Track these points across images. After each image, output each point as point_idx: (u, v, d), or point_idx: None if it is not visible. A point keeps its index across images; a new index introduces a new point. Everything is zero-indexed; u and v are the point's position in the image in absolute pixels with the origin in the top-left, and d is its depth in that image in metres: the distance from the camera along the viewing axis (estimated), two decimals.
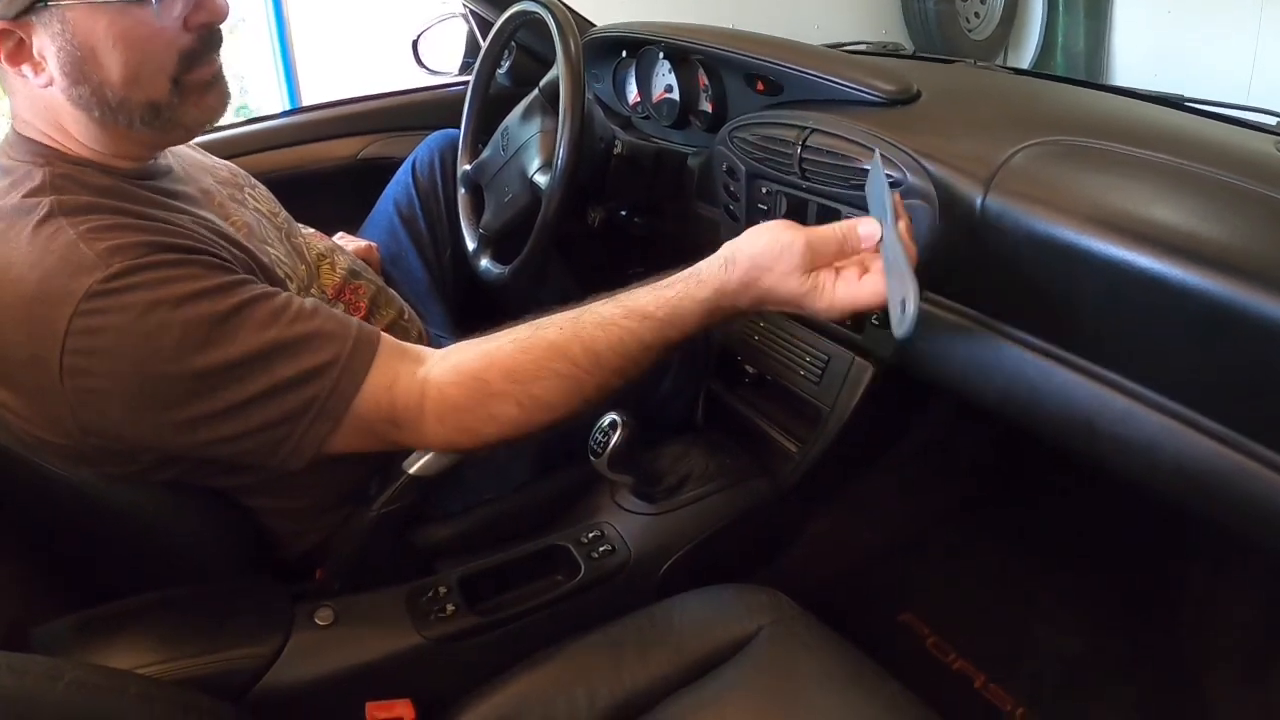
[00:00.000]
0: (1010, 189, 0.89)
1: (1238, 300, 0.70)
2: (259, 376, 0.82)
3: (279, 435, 0.84)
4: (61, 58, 0.83)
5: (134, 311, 0.78)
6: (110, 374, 0.79)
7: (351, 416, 0.85)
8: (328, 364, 0.84)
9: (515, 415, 0.87)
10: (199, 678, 0.86)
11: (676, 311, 0.89)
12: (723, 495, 1.21)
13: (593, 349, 0.88)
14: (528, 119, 1.39)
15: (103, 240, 0.80)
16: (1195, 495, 0.80)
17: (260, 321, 0.83)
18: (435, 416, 0.87)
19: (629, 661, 0.93)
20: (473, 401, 0.87)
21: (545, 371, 0.87)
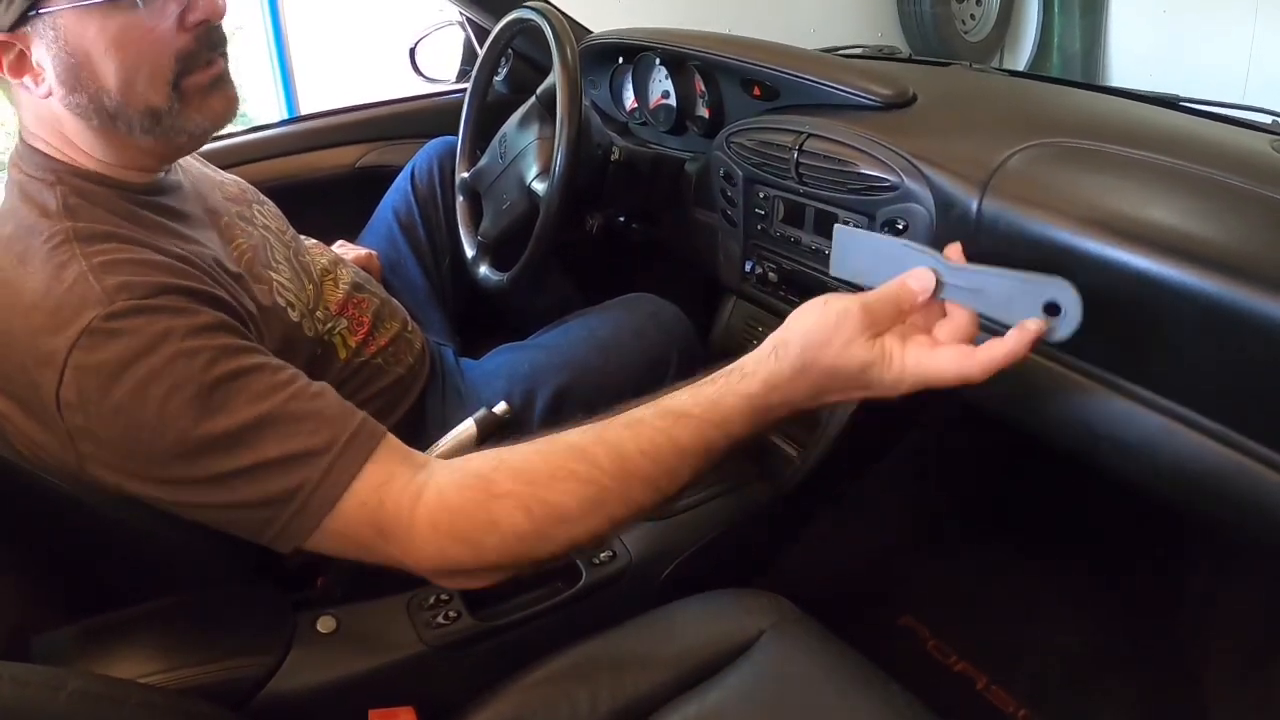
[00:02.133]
0: (1007, 191, 0.89)
1: (1235, 300, 0.70)
2: (244, 451, 0.77)
3: (262, 517, 0.78)
4: (58, 66, 0.82)
5: (130, 352, 0.76)
6: (99, 412, 0.77)
7: (337, 515, 0.78)
8: (320, 450, 0.78)
9: (521, 524, 0.76)
10: (201, 686, 0.86)
11: (716, 408, 0.77)
12: (723, 500, 1.21)
13: (619, 450, 0.77)
14: (525, 126, 1.39)
15: (112, 275, 0.79)
16: (1195, 495, 0.80)
17: (257, 393, 0.79)
18: (429, 523, 0.77)
19: (631, 667, 0.93)
20: (473, 504, 0.77)
21: (561, 473, 0.77)
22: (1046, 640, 1.34)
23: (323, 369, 1.04)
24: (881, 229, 1.03)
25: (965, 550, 1.51)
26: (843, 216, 1.10)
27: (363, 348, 1.12)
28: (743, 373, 0.78)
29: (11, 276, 0.81)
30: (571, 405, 1.18)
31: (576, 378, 1.20)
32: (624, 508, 0.77)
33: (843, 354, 0.75)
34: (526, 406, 1.16)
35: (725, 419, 0.77)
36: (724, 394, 0.78)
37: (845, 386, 0.77)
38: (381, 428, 0.83)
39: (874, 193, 1.03)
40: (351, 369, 1.08)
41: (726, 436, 0.78)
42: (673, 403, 0.79)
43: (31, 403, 0.80)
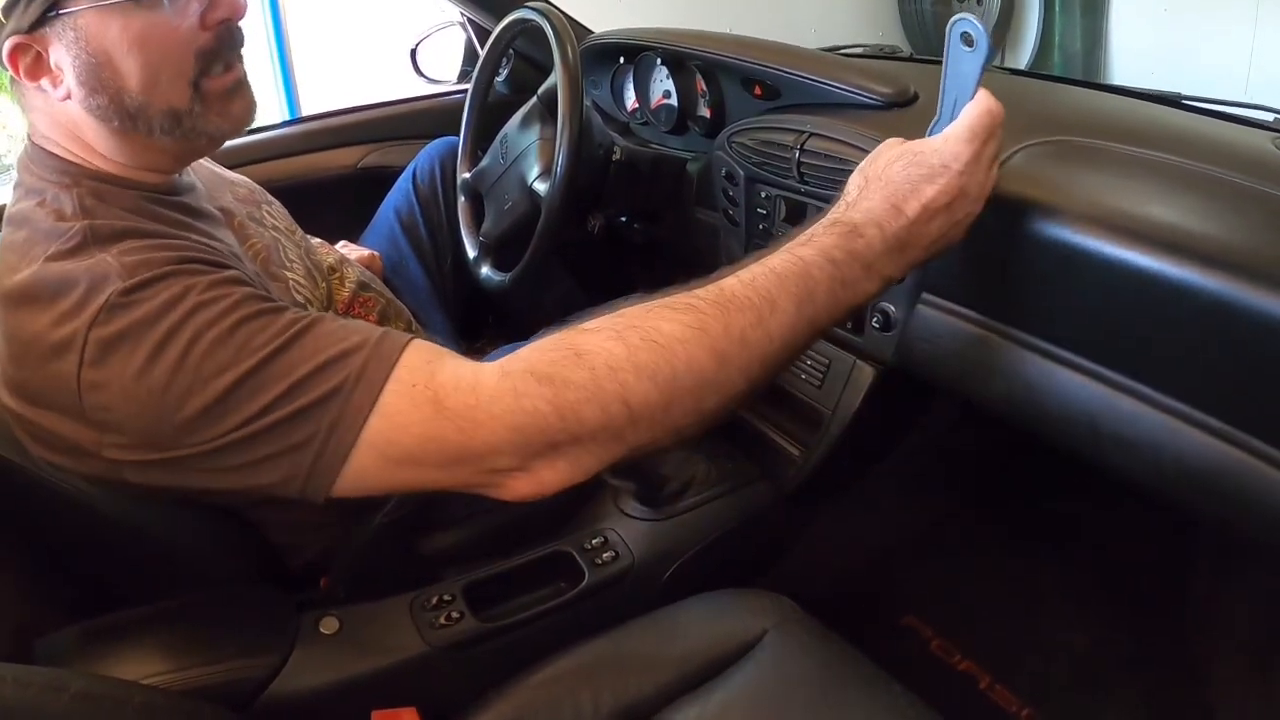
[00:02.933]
0: (1008, 189, 0.89)
1: (1238, 297, 0.70)
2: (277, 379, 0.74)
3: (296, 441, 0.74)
4: (78, 67, 0.81)
5: (149, 318, 0.75)
6: (122, 385, 0.75)
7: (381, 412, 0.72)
8: (353, 349, 0.75)
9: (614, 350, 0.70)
10: (204, 688, 0.86)
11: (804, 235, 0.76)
12: (726, 500, 1.21)
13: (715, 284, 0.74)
14: (526, 126, 1.39)
15: (131, 257, 0.78)
16: (1198, 493, 0.80)
17: (280, 328, 0.77)
18: (499, 371, 0.72)
19: (634, 667, 0.93)
20: (553, 342, 0.73)
21: (655, 309, 0.73)
22: (1050, 639, 1.34)
23: None
24: None
25: (968, 550, 1.51)
26: None
27: None
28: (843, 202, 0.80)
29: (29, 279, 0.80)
30: None
31: None
32: (726, 337, 0.71)
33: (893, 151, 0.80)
34: None
35: (812, 238, 0.76)
36: (810, 229, 0.78)
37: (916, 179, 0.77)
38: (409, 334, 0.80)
39: None
40: None
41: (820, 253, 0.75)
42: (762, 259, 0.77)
43: (51, 396, 0.79)
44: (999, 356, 0.94)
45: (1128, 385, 0.83)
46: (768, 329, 0.72)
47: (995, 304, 0.94)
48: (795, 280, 0.73)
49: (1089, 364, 0.86)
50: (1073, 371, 0.87)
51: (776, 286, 0.73)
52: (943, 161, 0.77)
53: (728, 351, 0.71)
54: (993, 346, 0.95)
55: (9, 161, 2.57)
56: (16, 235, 0.84)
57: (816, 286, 0.74)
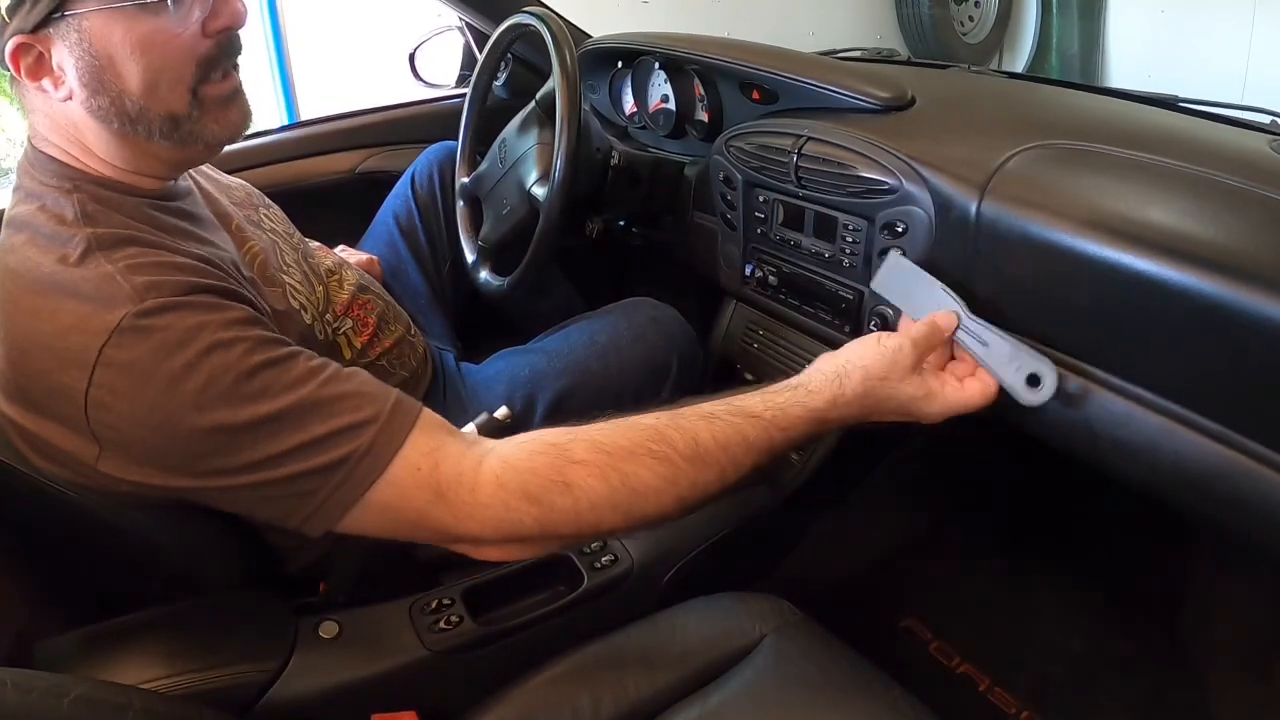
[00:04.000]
0: (1006, 193, 0.89)
1: (1235, 300, 0.71)
2: (289, 433, 0.77)
3: (304, 490, 0.78)
4: (80, 68, 0.82)
5: (164, 348, 0.76)
6: (133, 410, 0.76)
7: (385, 483, 0.78)
8: (366, 421, 0.79)
9: (598, 490, 0.79)
10: (204, 692, 0.86)
11: (785, 414, 0.86)
12: (724, 503, 1.21)
13: (695, 437, 0.82)
14: (525, 131, 1.39)
15: (140, 275, 0.79)
16: (1196, 495, 0.80)
17: (296, 378, 0.80)
18: (495, 481, 0.79)
19: (633, 671, 0.94)
20: (547, 465, 0.80)
21: (640, 450, 0.81)
22: (1048, 641, 1.34)
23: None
24: (881, 232, 1.04)
25: (967, 552, 1.51)
26: (841, 219, 1.10)
27: (367, 349, 1.12)
28: (809, 389, 0.88)
29: (32, 282, 0.80)
30: (572, 410, 1.18)
31: (577, 382, 1.20)
32: (692, 490, 0.82)
33: (898, 386, 0.88)
34: (527, 411, 1.17)
35: (790, 425, 0.86)
36: (791, 404, 0.87)
37: (892, 412, 0.89)
38: (418, 402, 0.84)
39: (873, 195, 1.03)
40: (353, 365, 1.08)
41: (787, 439, 0.86)
42: (745, 403, 0.86)
43: (52, 406, 0.80)
44: None
45: (1125, 388, 0.83)
46: (725, 482, 0.84)
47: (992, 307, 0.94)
48: (759, 455, 0.85)
49: (1086, 367, 0.86)
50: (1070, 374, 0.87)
51: (744, 453, 0.84)
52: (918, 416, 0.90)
53: (689, 499, 0.83)
54: None
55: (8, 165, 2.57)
56: (16, 239, 0.84)
57: (772, 456, 0.87)
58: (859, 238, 1.08)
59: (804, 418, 0.86)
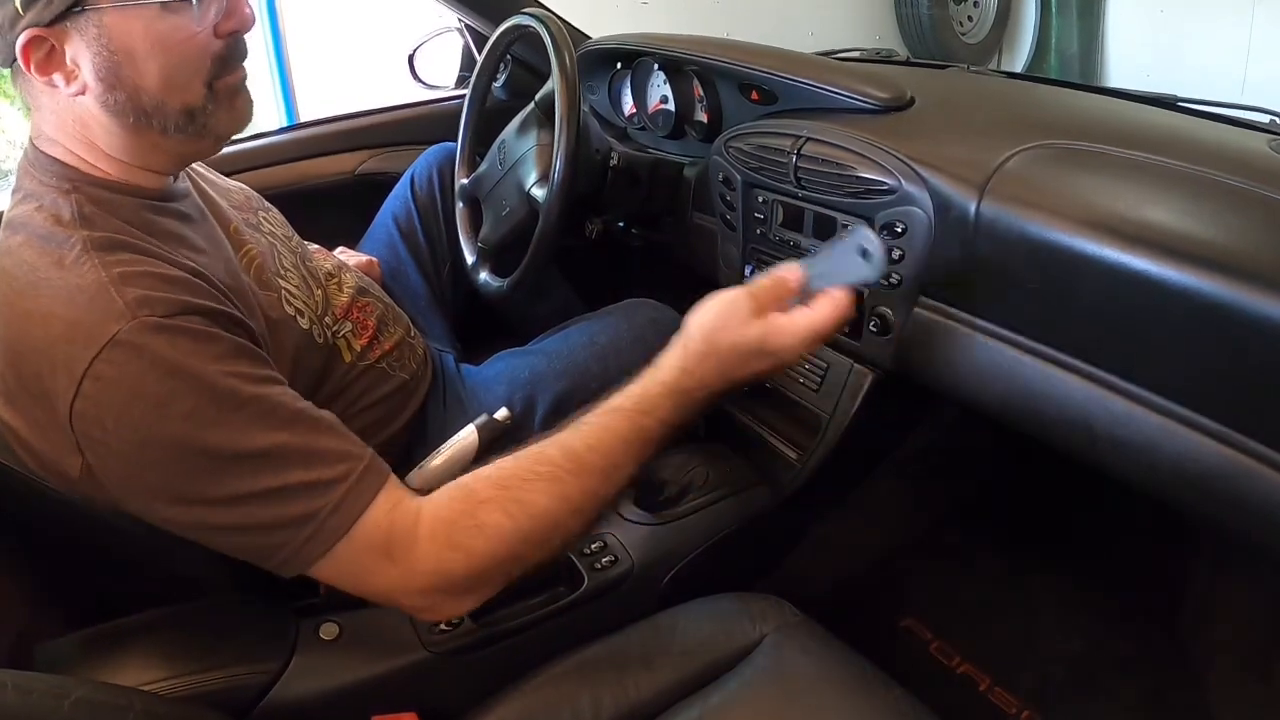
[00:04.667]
0: (1005, 193, 0.89)
1: (1234, 300, 0.71)
2: (266, 475, 0.79)
3: (274, 542, 0.81)
4: (98, 63, 0.83)
5: (154, 371, 0.77)
6: (117, 427, 0.77)
7: (350, 541, 0.81)
8: (337, 480, 0.81)
9: (503, 524, 0.84)
10: (204, 694, 0.86)
11: (645, 398, 0.89)
12: (724, 504, 1.21)
13: (570, 448, 0.87)
14: (524, 132, 1.39)
15: (132, 288, 0.79)
16: (1195, 495, 0.80)
17: (279, 421, 0.81)
18: (429, 535, 0.83)
19: (633, 671, 0.94)
20: (461, 512, 0.84)
21: (529, 474, 0.86)
22: (1049, 642, 1.34)
23: (328, 372, 1.05)
24: (880, 232, 1.04)
25: (967, 552, 1.51)
26: (841, 220, 1.10)
27: (367, 351, 1.12)
28: (658, 366, 0.91)
29: (26, 285, 0.81)
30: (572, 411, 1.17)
31: (576, 383, 1.20)
32: (584, 498, 0.86)
33: (740, 332, 0.89)
34: (527, 412, 1.17)
35: (652, 406, 0.89)
36: (646, 386, 0.90)
37: (749, 359, 0.90)
38: (386, 466, 0.87)
39: (872, 196, 1.03)
40: (356, 372, 1.08)
41: (658, 422, 0.89)
42: (611, 401, 0.90)
43: (39, 412, 0.80)
44: (996, 360, 0.94)
45: (1124, 388, 0.83)
46: (612, 483, 0.88)
47: (992, 308, 0.94)
48: (637, 445, 0.88)
49: (1086, 367, 0.86)
50: (1069, 374, 0.87)
51: (622, 452, 0.88)
52: (778, 353, 0.90)
53: (583, 507, 0.87)
54: (990, 350, 0.95)
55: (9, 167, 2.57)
56: (13, 240, 0.84)
57: (650, 442, 0.90)
58: None
59: (662, 394, 0.89)
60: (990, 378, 0.96)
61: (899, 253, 1.02)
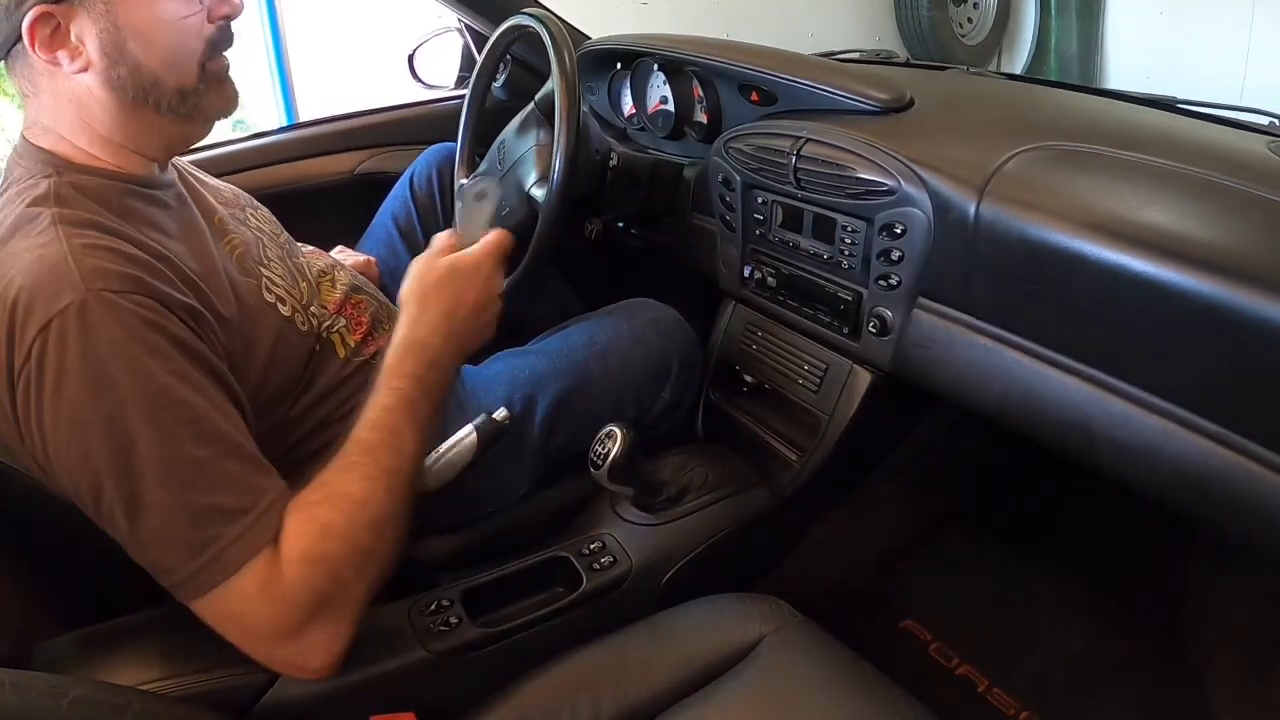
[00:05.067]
0: (1004, 195, 0.89)
1: (1233, 301, 0.71)
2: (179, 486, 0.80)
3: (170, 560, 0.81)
4: (103, 39, 0.86)
5: (98, 349, 0.78)
6: (52, 400, 0.78)
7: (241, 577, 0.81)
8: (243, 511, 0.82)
9: (336, 519, 0.86)
10: (203, 694, 0.86)
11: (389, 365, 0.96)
12: (723, 505, 1.21)
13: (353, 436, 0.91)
14: (524, 132, 1.39)
15: (91, 258, 0.80)
16: (1195, 496, 0.80)
17: (205, 434, 0.82)
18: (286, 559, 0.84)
19: (632, 672, 0.94)
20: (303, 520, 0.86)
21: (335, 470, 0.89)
22: (1048, 642, 1.34)
23: (322, 366, 1.05)
24: (880, 233, 1.04)
25: (966, 553, 1.51)
26: (841, 221, 1.10)
27: (361, 347, 1.12)
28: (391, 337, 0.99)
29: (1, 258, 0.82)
30: (572, 411, 1.18)
31: (577, 383, 1.20)
32: (381, 471, 0.90)
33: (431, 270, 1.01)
34: (527, 413, 1.17)
35: (396, 367, 0.95)
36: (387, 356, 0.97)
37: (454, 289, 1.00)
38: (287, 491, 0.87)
39: (872, 197, 1.03)
40: (351, 368, 1.09)
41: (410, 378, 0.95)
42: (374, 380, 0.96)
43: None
44: (995, 361, 0.94)
45: (1123, 389, 0.83)
46: (402, 452, 0.92)
47: (991, 309, 0.94)
48: (404, 409, 0.93)
49: (1085, 368, 0.86)
50: (1068, 375, 0.87)
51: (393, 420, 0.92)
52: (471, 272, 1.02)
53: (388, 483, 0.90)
54: (989, 351, 0.95)
55: None
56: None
57: (415, 401, 0.94)
58: (858, 239, 1.08)
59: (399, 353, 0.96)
60: (989, 379, 0.96)
61: (898, 253, 1.03)
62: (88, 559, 0.96)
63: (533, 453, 1.16)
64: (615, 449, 1.05)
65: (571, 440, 1.18)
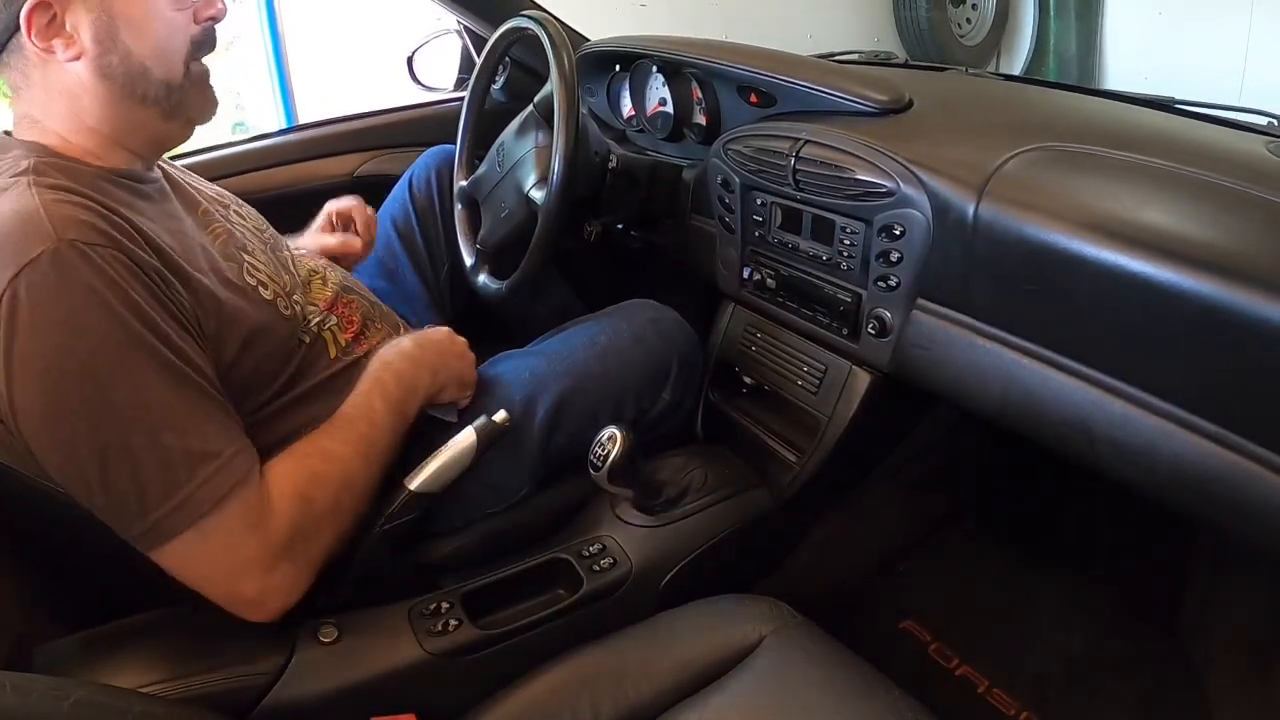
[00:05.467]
0: (1003, 196, 0.90)
1: (1231, 302, 0.71)
2: (152, 428, 0.82)
3: (140, 505, 0.83)
4: (97, 27, 0.90)
5: (72, 295, 0.80)
6: (25, 349, 0.79)
7: (219, 514, 0.86)
8: (212, 455, 0.86)
9: (320, 468, 0.95)
10: (203, 696, 0.86)
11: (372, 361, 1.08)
12: (723, 506, 1.21)
13: (342, 410, 1.02)
14: (523, 134, 1.40)
15: (62, 210, 0.82)
16: (1194, 497, 0.81)
17: (178, 377, 0.85)
18: (279, 493, 0.91)
19: (632, 673, 0.94)
20: (295, 464, 0.94)
21: (324, 431, 0.99)
22: (1048, 643, 1.34)
23: (312, 362, 1.05)
24: (879, 235, 1.04)
25: (966, 553, 1.51)
26: (839, 222, 1.10)
27: (353, 345, 1.12)
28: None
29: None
30: (572, 412, 1.18)
31: (577, 385, 1.20)
32: (361, 441, 1.00)
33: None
34: (527, 414, 1.17)
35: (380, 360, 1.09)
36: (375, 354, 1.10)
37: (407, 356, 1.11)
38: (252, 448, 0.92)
39: (871, 198, 1.03)
40: (342, 365, 1.09)
41: (382, 364, 1.08)
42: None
43: None
44: (994, 362, 0.95)
45: (1122, 389, 0.83)
46: (374, 421, 1.03)
47: (990, 309, 0.94)
48: (377, 390, 1.05)
49: (1084, 369, 0.86)
50: (1068, 376, 0.88)
51: (368, 399, 1.04)
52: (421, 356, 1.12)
53: (371, 455, 1.01)
54: (988, 352, 0.95)
55: None
56: None
57: (389, 386, 1.06)
58: (857, 240, 1.08)
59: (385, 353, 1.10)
60: (988, 380, 0.96)
61: (897, 255, 1.03)
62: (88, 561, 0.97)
63: (533, 454, 1.16)
64: (615, 450, 1.05)
65: (571, 441, 1.18)
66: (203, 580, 0.88)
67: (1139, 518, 1.40)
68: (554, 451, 1.18)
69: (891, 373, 1.11)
